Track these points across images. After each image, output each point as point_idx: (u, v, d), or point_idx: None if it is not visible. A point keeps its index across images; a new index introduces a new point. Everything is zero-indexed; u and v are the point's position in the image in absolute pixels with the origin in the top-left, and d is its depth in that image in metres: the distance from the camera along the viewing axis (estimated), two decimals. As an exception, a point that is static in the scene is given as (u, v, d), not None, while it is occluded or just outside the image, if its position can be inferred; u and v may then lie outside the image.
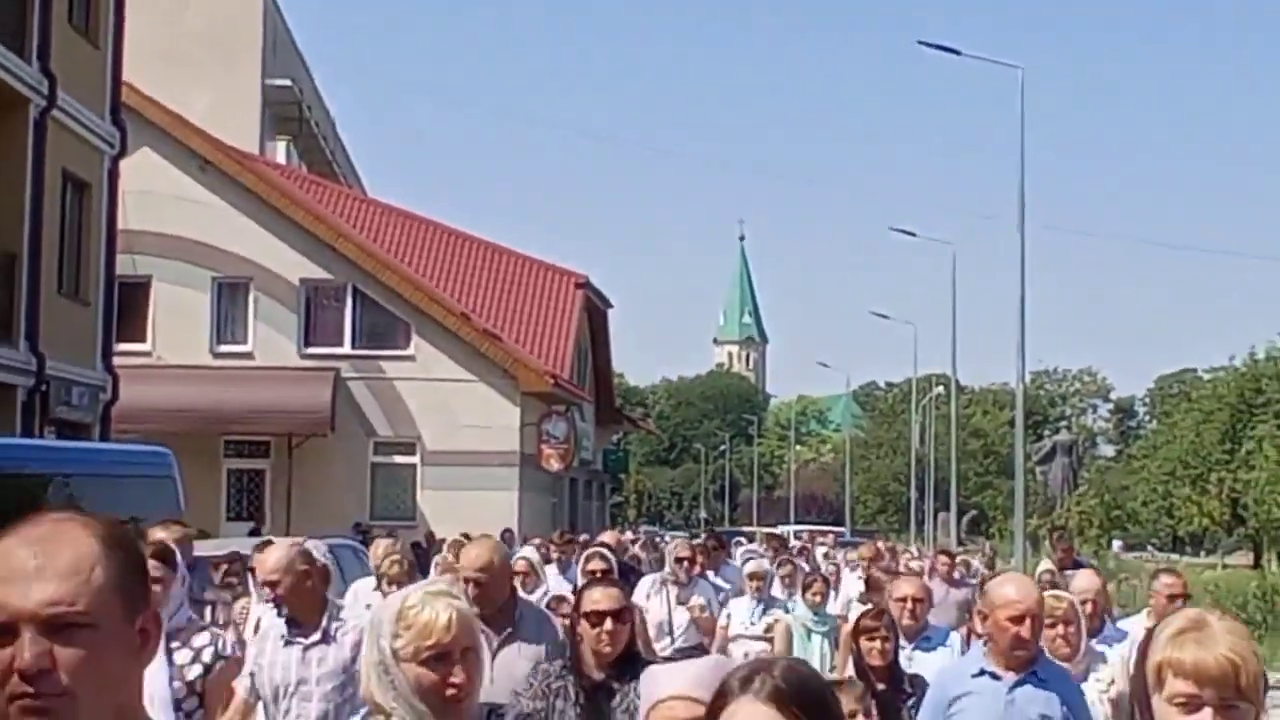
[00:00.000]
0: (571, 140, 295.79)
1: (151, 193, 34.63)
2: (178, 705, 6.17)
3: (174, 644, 6.22)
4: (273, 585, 6.67)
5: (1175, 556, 62.33)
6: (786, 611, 12.83)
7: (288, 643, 6.41)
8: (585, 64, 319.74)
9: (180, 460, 14.49)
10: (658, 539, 24.95)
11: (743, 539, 31.59)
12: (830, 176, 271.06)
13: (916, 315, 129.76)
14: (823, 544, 32.61)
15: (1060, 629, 6.91)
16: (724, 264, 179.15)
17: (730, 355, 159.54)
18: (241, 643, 8.79)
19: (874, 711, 5.99)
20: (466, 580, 6.76)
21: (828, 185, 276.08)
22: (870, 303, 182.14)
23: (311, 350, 40.75)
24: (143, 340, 36.60)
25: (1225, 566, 53.49)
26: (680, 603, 12.35)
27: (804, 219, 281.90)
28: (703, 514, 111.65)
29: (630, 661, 5.34)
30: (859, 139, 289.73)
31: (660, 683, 2.82)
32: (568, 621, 10.44)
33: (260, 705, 6.48)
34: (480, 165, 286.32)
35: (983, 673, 4.98)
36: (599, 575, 10.78)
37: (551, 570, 17.34)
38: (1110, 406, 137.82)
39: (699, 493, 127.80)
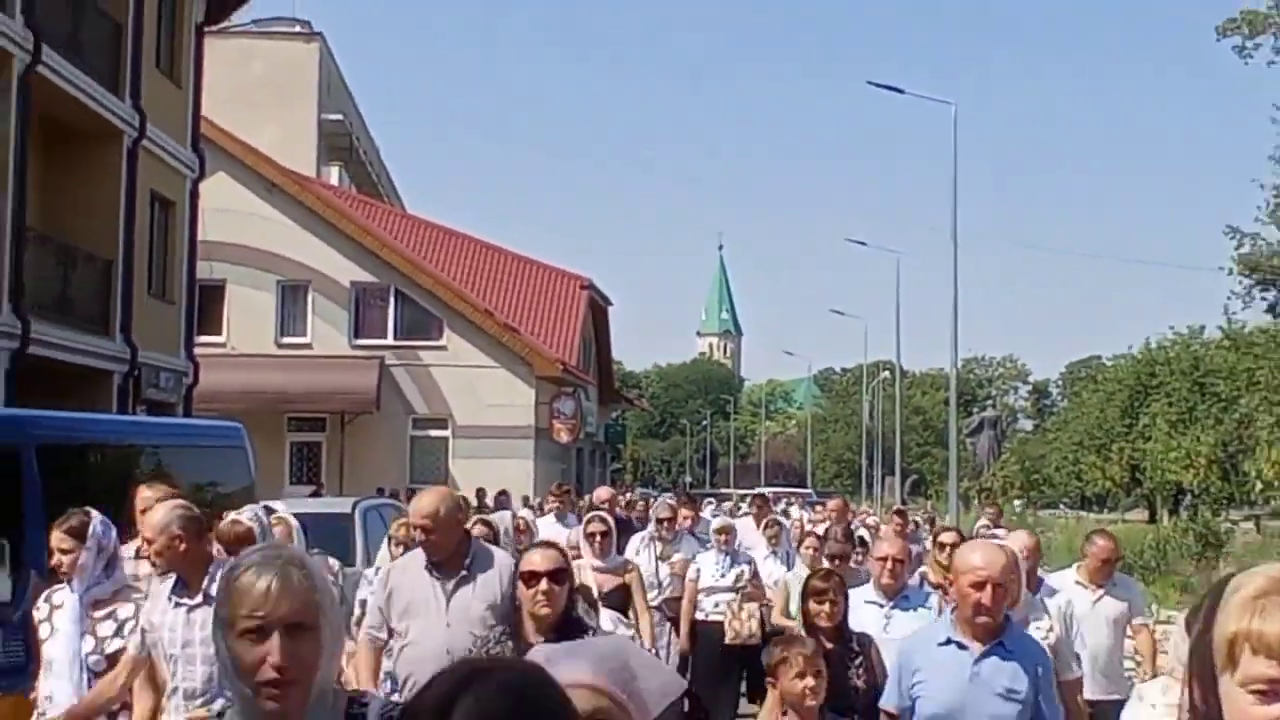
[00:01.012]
0: (579, 162, 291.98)
1: (226, 210, 34.49)
2: (99, 675, 5.75)
3: (96, 614, 5.82)
4: (149, 544, 6.01)
5: (1083, 513, 62.16)
6: (749, 564, 12.24)
7: (176, 604, 5.71)
8: (589, 98, 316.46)
9: (250, 434, 14.43)
10: (650, 499, 24.92)
11: (713, 499, 31.04)
12: (796, 194, 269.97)
13: (867, 312, 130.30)
14: (793, 503, 32.47)
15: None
16: (705, 268, 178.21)
17: (711, 345, 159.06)
18: None
19: (824, 671, 5.27)
20: (416, 528, 6.37)
21: (794, 201, 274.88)
22: (829, 301, 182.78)
23: (360, 342, 40.55)
24: (218, 333, 36.41)
25: (1124, 521, 53.35)
26: (662, 559, 12.02)
27: (773, 230, 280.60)
28: (688, 478, 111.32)
29: (569, 627, 4.74)
30: (821, 162, 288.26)
31: (555, 669, 1.98)
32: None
33: (155, 661, 5.78)
34: (501, 183, 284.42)
35: (949, 642, 4.54)
36: (599, 536, 10.36)
37: (548, 520, 16.66)
38: (1029, 388, 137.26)
39: (685, 461, 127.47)
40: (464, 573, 6.03)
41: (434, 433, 40.35)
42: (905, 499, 44.72)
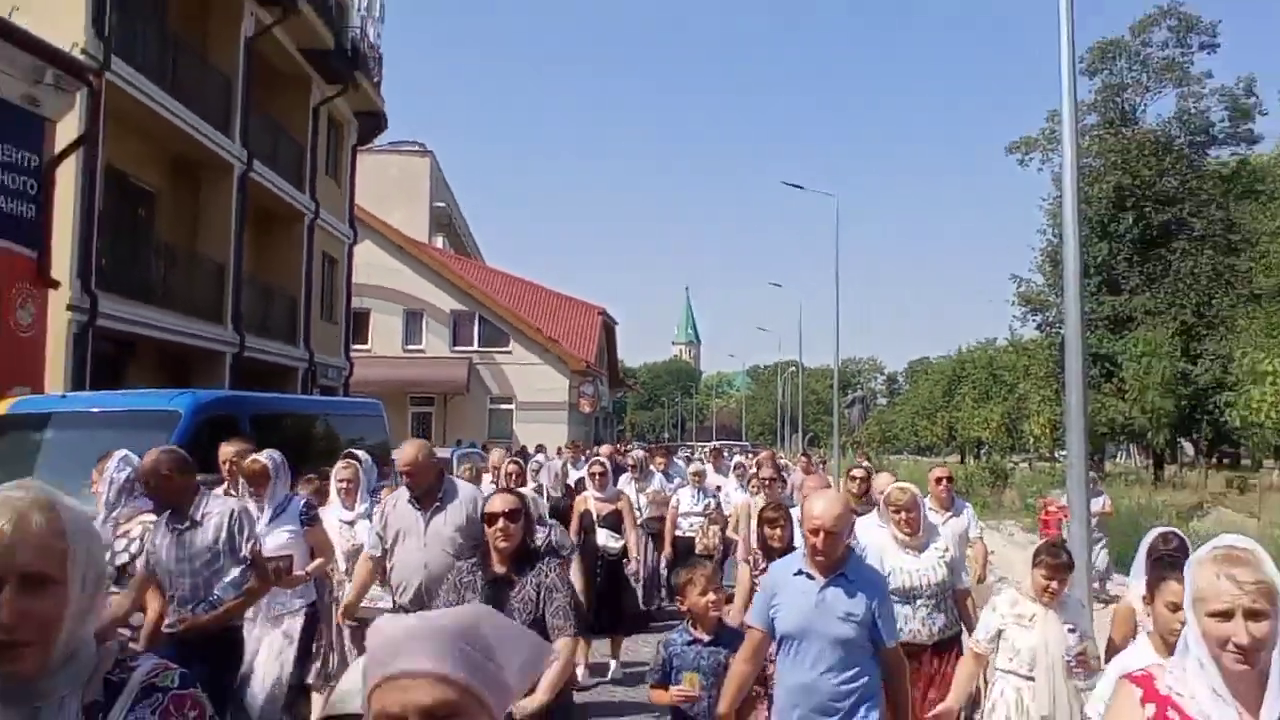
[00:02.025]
0: (598, 230, 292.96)
1: (370, 264, 34.50)
2: (115, 582, 5.12)
3: (114, 532, 5.26)
4: (142, 481, 5.30)
5: (919, 458, 62.61)
6: (713, 497, 11.94)
7: (169, 529, 5.19)
8: (608, 189, 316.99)
9: (385, 408, 14.36)
10: (645, 449, 24.75)
11: (689, 451, 30.95)
12: (738, 250, 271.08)
13: (781, 329, 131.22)
14: (736, 453, 32.39)
15: (903, 515, 5.85)
16: (678, 300, 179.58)
17: (680, 350, 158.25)
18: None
19: (721, 588, 4.82)
20: (400, 472, 5.87)
21: (736, 254, 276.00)
22: (757, 321, 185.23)
23: (456, 349, 40.50)
24: (365, 343, 36.34)
25: (944, 463, 53.95)
26: (640, 491, 11.55)
27: (724, 273, 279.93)
28: (666, 436, 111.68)
29: (526, 557, 4.40)
30: (754, 226, 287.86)
31: (389, 649, 1.40)
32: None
33: (159, 576, 5.25)
34: (548, 243, 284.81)
35: (800, 573, 4.14)
36: (599, 476, 9.98)
37: (563, 464, 16.04)
38: (884, 377, 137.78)
39: (664, 425, 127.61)
40: (438, 504, 5.62)
41: (503, 407, 40.41)
42: (805, 449, 45.05)
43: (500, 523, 4.34)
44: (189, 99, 18.40)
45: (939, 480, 8.17)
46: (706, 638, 4.50)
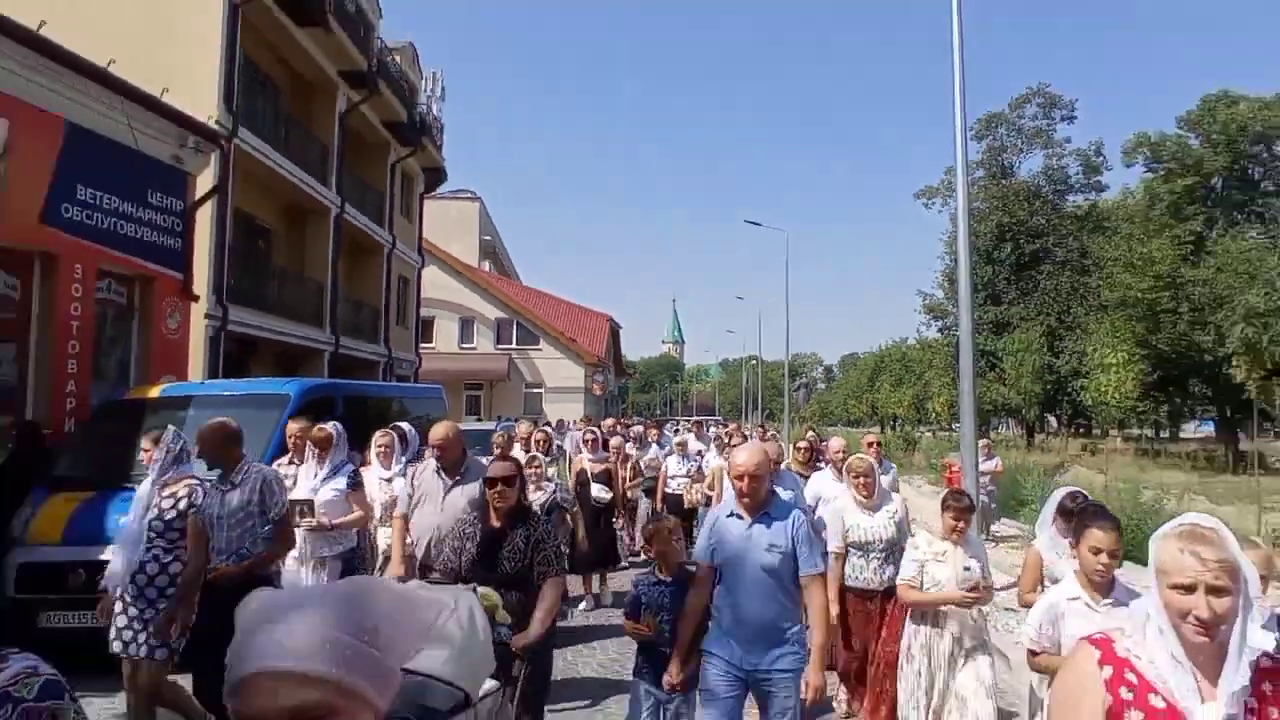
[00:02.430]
0: (604, 251, 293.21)
1: (434, 283, 34.53)
2: (160, 534, 4.83)
3: (163, 493, 4.89)
4: (199, 445, 4.98)
5: (850, 429, 62.48)
6: (695, 463, 11.35)
7: (216, 489, 4.91)
8: (609, 209, 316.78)
9: (445, 392, 14.36)
10: (643, 423, 24.45)
11: (676, 424, 30.96)
12: (714, 272, 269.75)
13: (745, 332, 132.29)
14: (712, 425, 32.33)
15: (862, 480, 5.49)
16: (667, 309, 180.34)
17: (669, 348, 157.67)
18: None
19: (683, 537, 4.69)
20: (432, 446, 5.50)
21: (713, 276, 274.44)
22: (727, 325, 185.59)
23: (499, 346, 40.47)
24: (430, 342, 36.27)
25: (869, 432, 54.11)
26: (639, 457, 11.41)
27: (700, 293, 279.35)
28: (658, 413, 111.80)
29: (519, 515, 4.15)
30: (726, 248, 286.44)
31: (252, 642, 1.00)
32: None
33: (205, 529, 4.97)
34: (570, 262, 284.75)
35: (732, 514, 3.91)
36: (590, 442, 9.84)
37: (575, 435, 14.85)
38: (823, 368, 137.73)
39: (657, 405, 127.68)
40: (459, 478, 5.29)
41: (535, 390, 40.38)
42: (763, 422, 45.13)
43: (498, 486, 4.15)
44: (297, 159, 18.46)
45: (870, 444, 7.91)
46: (669, 579, 4.31)
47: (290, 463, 6.40)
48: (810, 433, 13.74)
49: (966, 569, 4.48)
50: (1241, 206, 44.12)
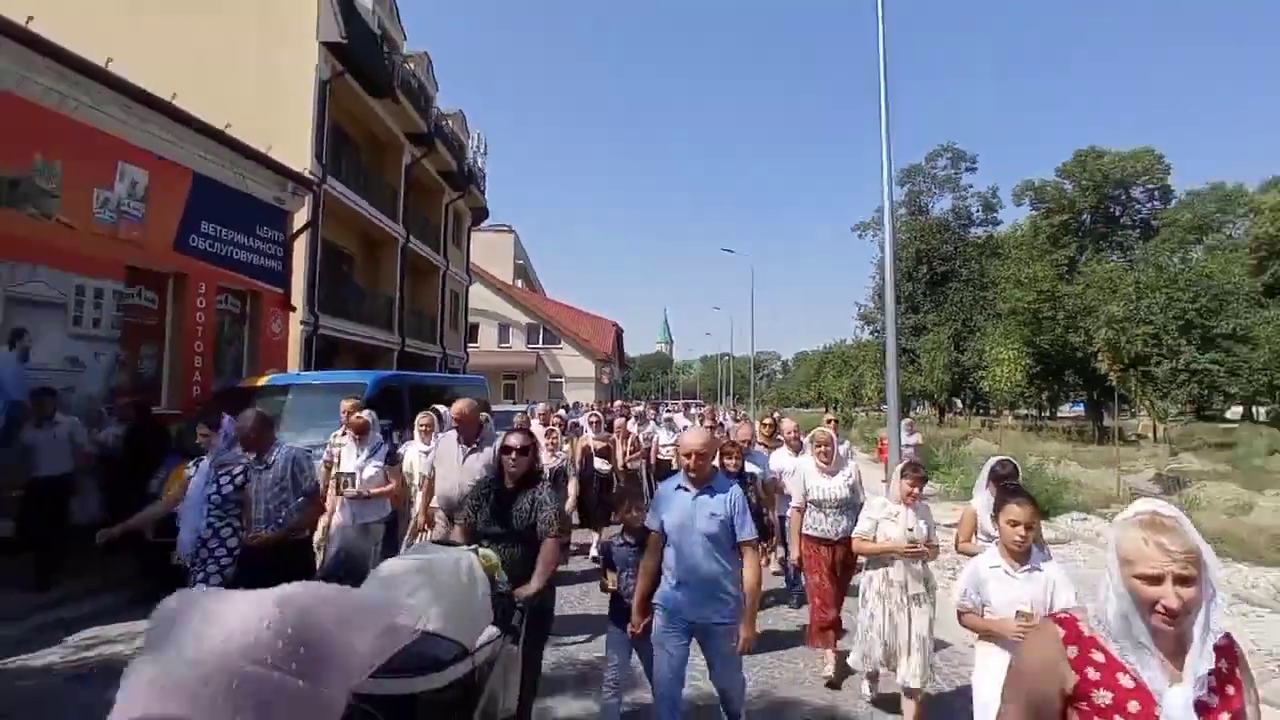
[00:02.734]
0: (611, 269, 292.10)
1: (478, 297, 34.39)
2: (218, 506, 4.43)
3: (220, 471, 4.51)
4: (237, 431, 4.59)
5: (801, 410, 62.33)
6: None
7: (255, 468, 4.46)
8: (616, 237, 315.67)
9: (488, 381, 14.35)
10: (645, 404, 24.34)
11: (670, 407, 30.95)
12: (697, 287, 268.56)
13: (720, 335, 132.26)
14: (693, 405, 32.29)
15: (823, 449, 5.26)
16: (659, 316, 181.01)
17: (661, 346, 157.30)
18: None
19: (644, 507, 4.07)
20: (453, 418, 5.25)
21: (696, 290, 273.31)
22: (705, 329, 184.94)
23: (529, 346, 40.32)
24: (475, 343, 36.22)
25: (829, 415, 53.92)
26: (640, 432, 10.84)
27: (686, 303, 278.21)
28: (654, 398, 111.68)
29: (529, 480, 3.76)
30: (704, 273, 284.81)
31: (130, 690, 0.88)
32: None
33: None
34: (582, 277, 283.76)
35: (680, 487, 3.63)
36: (595, 423, 9.34)
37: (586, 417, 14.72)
38: (780, 362, 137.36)
39: (652, 392, 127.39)
40: (475, 446, 5.00)
41: (557, 380, 40.35)
42: (734, 406, 45.13)
43: (513, 454, 3.78)
44: (372, 200, 18.40)
45: (829, 422, 7.84)
46: (632, 541, 4.03)
47: (343, 435, 6.04)
48: (776, 413, 13.70)
49: (910, 529, 4.29)
50: (1105, 237, 44.32)
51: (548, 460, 6.81)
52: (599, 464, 8.85)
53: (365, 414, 5.74)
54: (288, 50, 15.02)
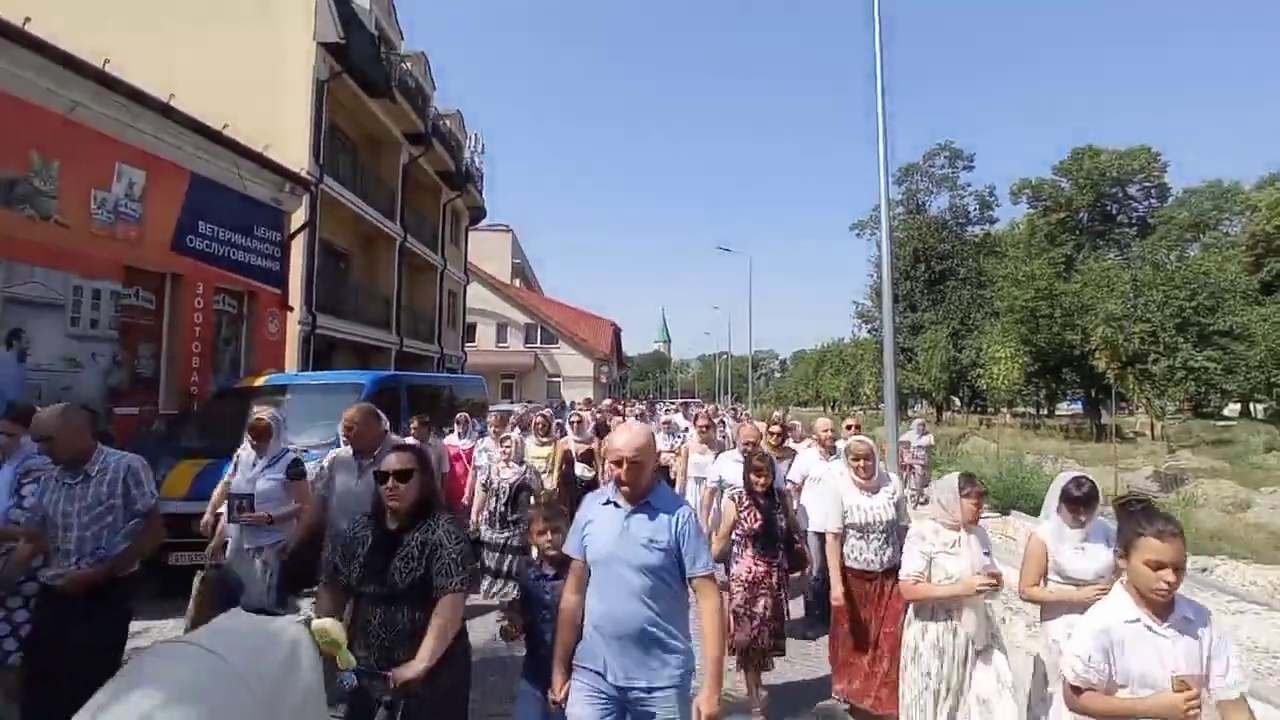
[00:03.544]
0: (609, 269, 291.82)
1: (476, 296, 34.30)
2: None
3: (26, 480, 3.68)
4: (36, 438, 3.47)
5: (799, 409, 62.31)
6: (679, 439, 9.66)
7: (59, 482, 3.30)
8: (613, 238, 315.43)
9: (486, 381, 14.33)
10: (644, 401, 24.25)
11: (669, 406, 30.87)
12: (694, 287, 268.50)
13: (719, 334, 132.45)
14: (692, 405, 32.52)
15: (862, 462, 4.30)
16: (658, 316, 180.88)
17: (659, 346, 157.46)
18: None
19: (562, 528, 3.00)
20: (343, 427, 4.32)
21: (693, 290, 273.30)
22: (703, 329, 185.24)
23: (527, 345, 40.24)
24: (474, 342, 36.15)
25: (814, 411, 54.05)
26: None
27: (684, 303, 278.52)
28: (651, 397, 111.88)
29: (422, 515, 2.73)
30: (701, 273, 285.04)
31: None
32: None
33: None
34: (579, 277, 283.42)
35: (609, 502, 2.76)
36: (577, 423, 8.35)
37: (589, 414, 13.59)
38: (778, 361, 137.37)
39: (651, 391, 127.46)
40: (373, 461, 4.08)
41: (555, 379, 40.31)
42: (733, 404, 45.14)
43: (389, 482, 2.68)
44: (370, 200, 18.39)
45: (850, 427, 6.81)
46: (550, 572, 3.03)
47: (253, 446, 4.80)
48: (783, 414, 13.35)
49: (987, 553, 3.38)
50: (1102, 235, 44.35)
51: (506, 474, 6.06)
52: (580, 470, 7.92)
53: (268, 415, 4.68)
54: (285, 50, 15.00)
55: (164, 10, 14.78)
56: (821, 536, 4.68)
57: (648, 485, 2.71)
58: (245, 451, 4.67)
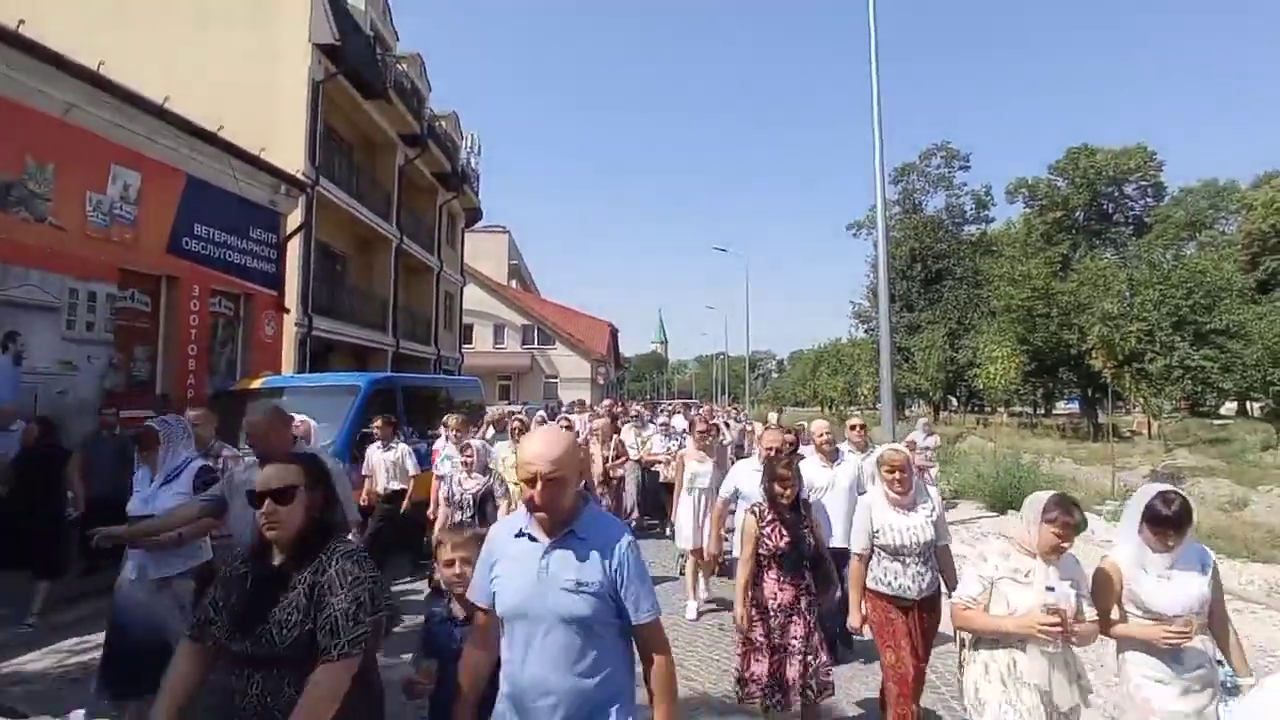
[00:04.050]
0: (606, 269, 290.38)
1: (473, 298, 34.25)
2: None
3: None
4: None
5: (796, 409, 62.30)
6: (677, 442, 9.32)
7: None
8: (610, 240, 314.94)
9: (482, 382, 14.34)
10: (643, 403, 24.52)
11: (666, 407, 30.91)
12: (691, 288, 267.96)
13: (715, 334, 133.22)
14: (691, 406, 32.54)
15: (896, 474, 3.59)
16: (655, 316, 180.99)
17: (656, 347, 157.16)
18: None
19: (472, 559, 2.27)
20: (245, 431, 3.84)
21: (690, 290, 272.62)
22: (700, 329, 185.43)
23: (524, 346, 40.22)
24: (470, 344, 36.10)
25: (812, 411, 54.02)
26: (637, 435, 10.08)
27: (681, 304, 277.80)
28: (649, 397, 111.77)
29: (314, 546, 1.98)
30: (698, 273, 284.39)
31: None
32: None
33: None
34: (575, 278, 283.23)
35: (522, 534, 2.01)
36: (565, 428, 6.61)
37: (584, 418, 11.95)
38: (776, 361, 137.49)
39: (649, 392, 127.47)
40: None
41: (552, 380, 40.23)
42: (731, 405, 45.22)
43: (266, 505, 2.00)
44: (365, 201, 18.39)
45: (854, 428, 5.99)
46: (460, 615, 2.47)
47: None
48: (770, 408, 12.93)
49: (1050, 588, 2.64)
50: (1099, 234, 44.53)
51: (468, 485, 5.68)
52: None
53: (157, 422, 3.87)
54: (280, 52, 15.00)
55: (159, 12, 14.77)
56: (840, 554, 4.15)
57: (571, 509, 2.03)
58: (140, 471, 3.87)
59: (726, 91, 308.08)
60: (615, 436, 9.19)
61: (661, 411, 14.96)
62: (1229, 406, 37.45)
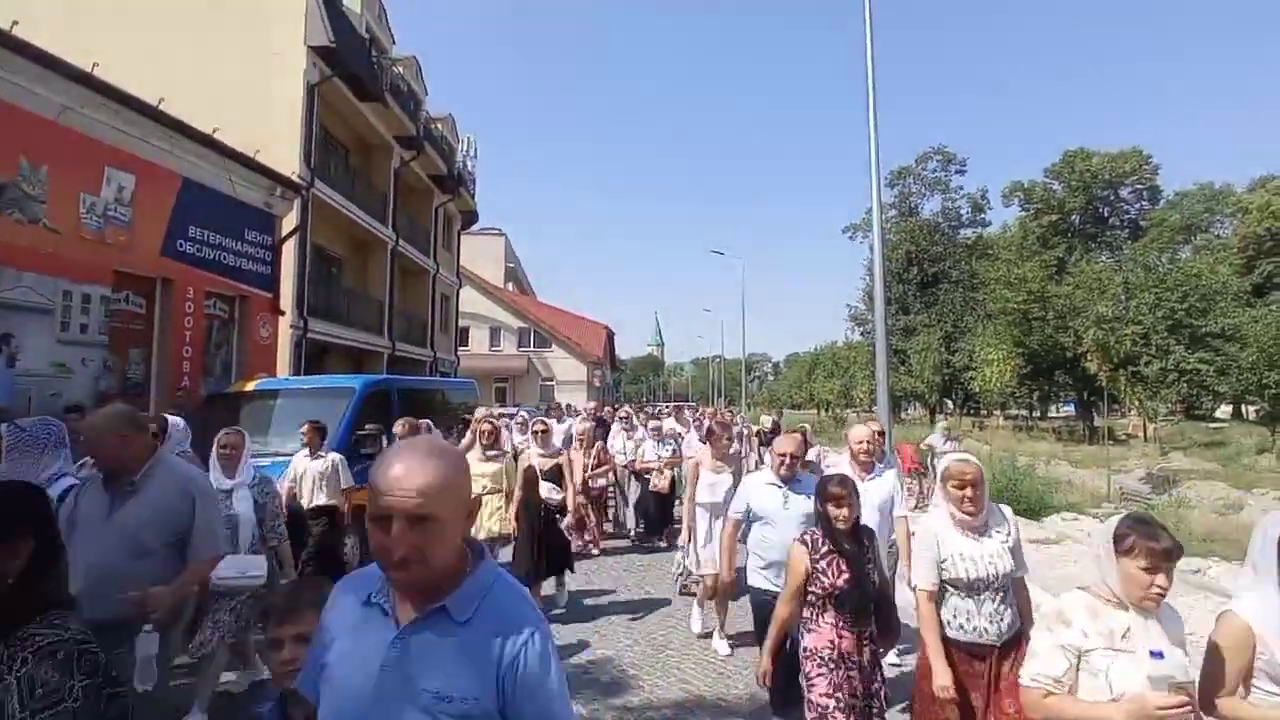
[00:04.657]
0: (603, 271, 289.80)
1: (469, 300, 34.22)
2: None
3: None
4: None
5: (791, 410, 62.19)
6: (670, 448, 9.08)
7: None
8: (606, 242, 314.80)
9: (478, 384, 14.30)
10: (641, 406, 24.20)
11: (663, 409, 30.75)
12: (688, 290, 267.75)
13: (712, 337, 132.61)
14: (684, 409, 32.44)
15: (967, 491, 2.80)
16: (651, 319, 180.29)
17: (652, 349, 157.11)
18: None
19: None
20: (84, 437, 2.90)
21: (687, 294, 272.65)
22: (697, 332, 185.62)
23: (520, 349, 40.14)
24: (466, 346, 36.01)
25: (806, 413, 53.92)
26: (628, 438, 9.83)
27: (678, 306, 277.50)
28: (645, 399, 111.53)
29: (20, 615, 1.33)
30: (690, 271, 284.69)
31: None
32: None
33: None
34: (574, 280, 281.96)
35: (371, 602, 1.27)
36: (540, 434, 6.53)
37: (564, 426, 11.07)
38: (772, 364, 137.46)
39: (645, 395, 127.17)
40: (130, 487, 2.80)
41: (549, 383, 40.20)
42: (727, 407, 45.20)
43: None
44: (361, 204, 18.36)
45: (879, 434, 5.09)
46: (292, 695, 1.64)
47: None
48: (765, 411, 12.87)
49: (1156, 654, 1.94)
50: (1094, 238, 44.74)
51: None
52: (546, 492, 6.05)
53: (4, 427, 3.20)
54: (275, 54, 14.98)
55: (154, 14, 14.75)
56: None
57: (447, 571, 1.31)
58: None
59: (725, 94, 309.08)
60: (598, 443, 8.70)
61: (651, 416, 14.30)
62: (1224, 410, 37.60)
